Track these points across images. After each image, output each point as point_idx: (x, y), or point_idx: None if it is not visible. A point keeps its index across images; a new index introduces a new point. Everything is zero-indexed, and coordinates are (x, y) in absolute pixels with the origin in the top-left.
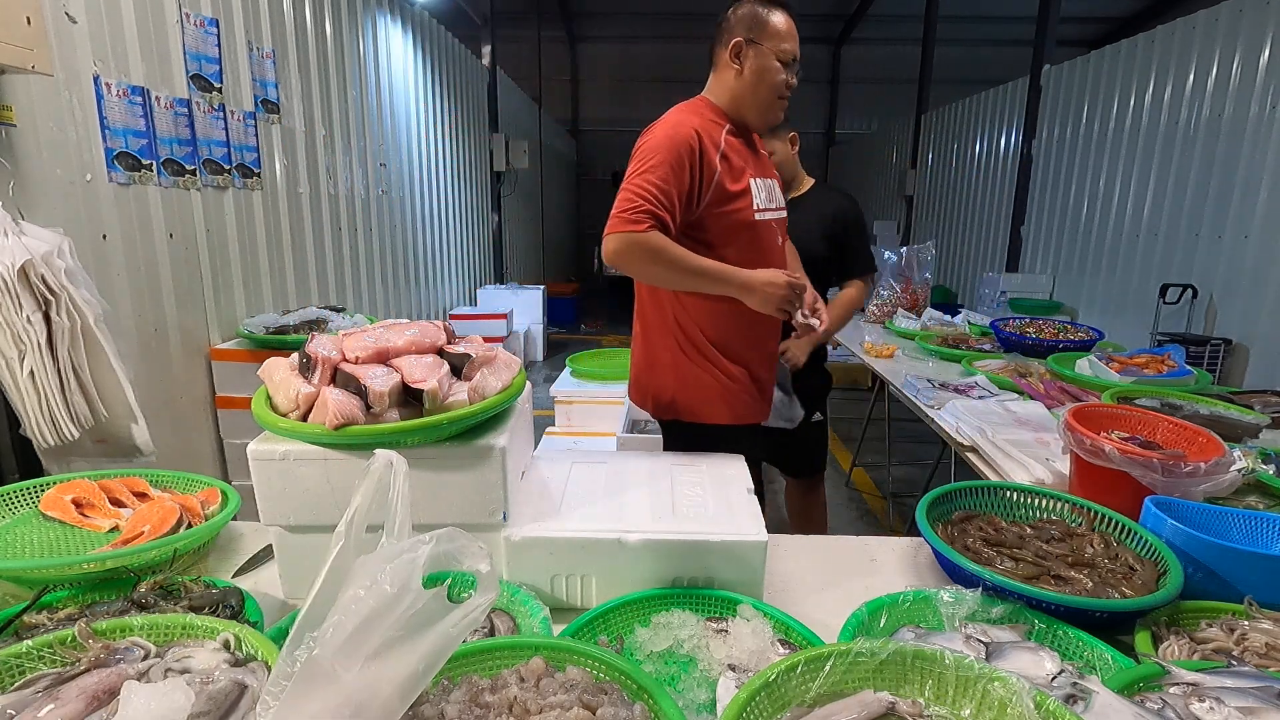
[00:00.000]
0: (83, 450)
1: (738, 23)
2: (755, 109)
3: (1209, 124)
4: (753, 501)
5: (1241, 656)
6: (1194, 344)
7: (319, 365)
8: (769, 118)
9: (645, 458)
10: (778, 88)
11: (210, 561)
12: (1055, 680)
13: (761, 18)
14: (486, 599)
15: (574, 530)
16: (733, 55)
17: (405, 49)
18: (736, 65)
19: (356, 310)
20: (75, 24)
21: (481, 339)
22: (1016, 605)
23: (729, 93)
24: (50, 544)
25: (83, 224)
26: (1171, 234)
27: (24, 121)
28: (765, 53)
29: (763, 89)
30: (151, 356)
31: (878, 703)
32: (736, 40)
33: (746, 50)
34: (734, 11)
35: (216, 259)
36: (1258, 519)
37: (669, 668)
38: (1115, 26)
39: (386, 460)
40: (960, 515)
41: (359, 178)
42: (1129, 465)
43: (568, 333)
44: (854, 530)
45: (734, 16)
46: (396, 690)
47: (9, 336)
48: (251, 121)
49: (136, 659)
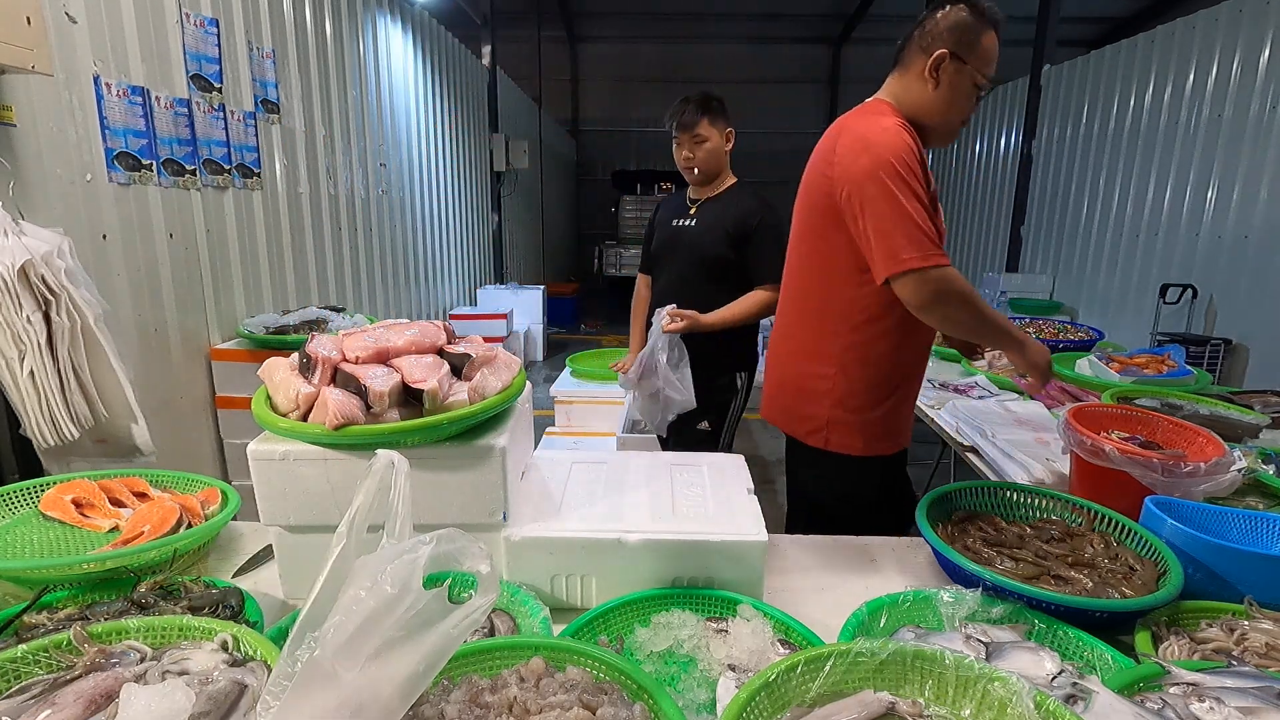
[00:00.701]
0: (83, 450)
1: (947, 31)
2: (941, 128)
3: (1209, 124)
4: (753, 501)
5: (1241, 656)
6: (1194, 344)
7: (319, 365)
8: (948, 139)
9: (645, 458)
10: (968, 112)
11: (210, 561)
12: (1055, 680)
13: (973, 34)
14: (487, 600)
15: (574, 530)
16: (932, 68)
17: (405, 49)
18: (934, 79)
19: (356, 310)
20: (75, 24)
21: (481, 339)
22: (1016, 605)
23: (916, 104)
24: (50, 544)
25: (83, 224)
26: (1171, 234)
27: (24, 121)
28: (968, 74)
29: (954, 111)
30: (151, 356)
31: (878, 703)
32: (941, 53)
33: (949, 66)
34: (943, 15)
35: (216, 259)
36: (1258, 519)
37: (669, 668)
38: (1115, 26)
39: (388, 460)
40: (960, 515)
41: (359, 178)
42: (1129, 465)
43: (568, 333)
44: None
45: (942, 22)
46: (397, 690)
47: (9, 336)
48: (251, 121)
49: (133, 662)
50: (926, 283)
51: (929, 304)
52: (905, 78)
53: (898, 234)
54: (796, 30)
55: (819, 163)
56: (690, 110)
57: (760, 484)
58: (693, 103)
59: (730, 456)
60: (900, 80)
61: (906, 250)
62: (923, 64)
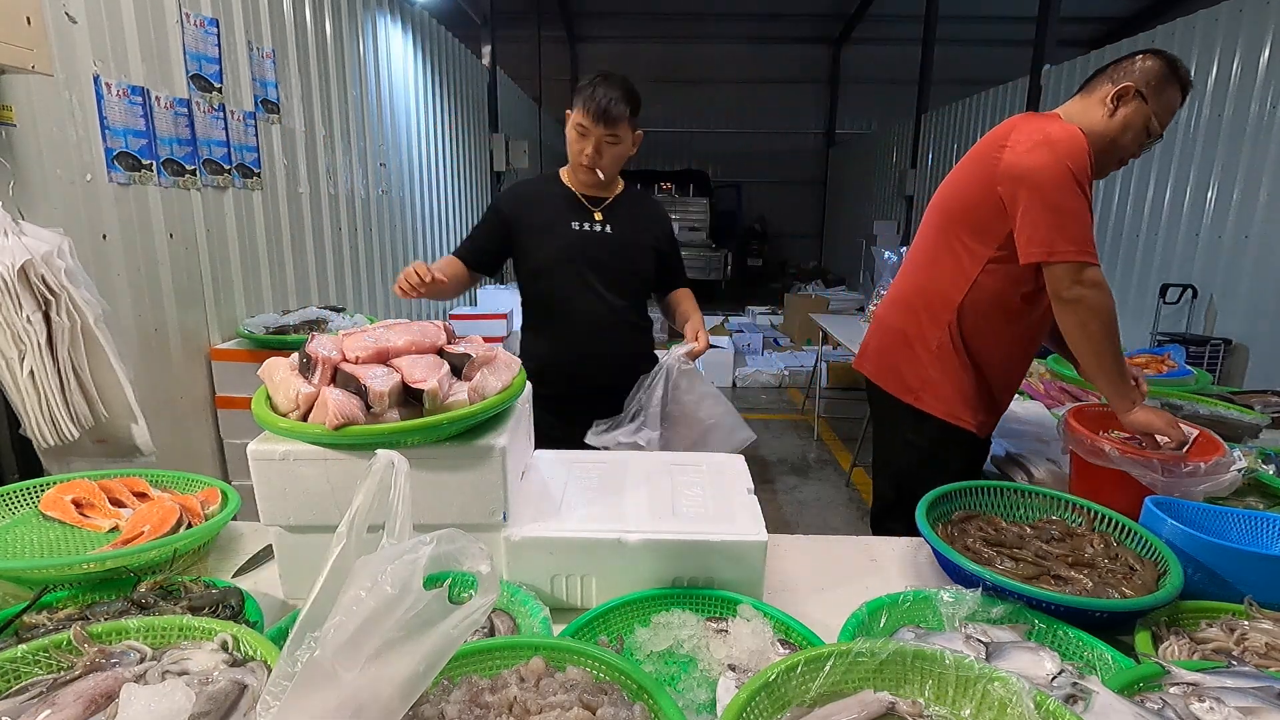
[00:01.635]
0: (83, 450)
1: (1140, 72)
2: (1104, 157)
3: (1209, 124)
4: (753, 501)
5: (1241, 656)
6: (1194, 344)
7: (319, 365)
8: (1110, 170)
9: (645, 458)
10: (1129, 149)
11: (210, 561)
12: (1055, 680)
13: (1162, 83)
14: (487, 600)
15: (574, 530)
16: (1115, 97)
17: (405, 49)
18: (1111, 107)
19: (356, 310)
20: (75, 24)
21: (481, 339)
22: (1016, 605)
23: (1089, 127)
24: (50, 544)
25: (83, 224)
26: (1171, 234)
27: (24, 121)
28: (1145, 113)
29: (1119, 144)
30: (151, 356)
31: (878, 703)
32: (1127, 86)
33: (1131, 100)
34: (1142, 59)
35: (216, 259)
36: (1258, 519)
37: (669, 668)
38: (1115, 26)
39: (388, 460)
40: (960, 515)
41: (359, 178)
42: (1129, 465)
43: None
44: (854, 530)
45: (1139, 63)
46: (397, 691)
47: (9, 336)
48: (251, 121)
49: (133, 662)
50: (1080, 277)
51: (1074, 298)
52: (1086, 101)
53: (1070, 224)
54: (796, 30)
55: (987, 148)
56: (617, 103)
57: (760, 484)
58: (620, 92)
59: (730, 456)
60: (1081, 103)
61: (1073, 242)
62: (1107, 91)
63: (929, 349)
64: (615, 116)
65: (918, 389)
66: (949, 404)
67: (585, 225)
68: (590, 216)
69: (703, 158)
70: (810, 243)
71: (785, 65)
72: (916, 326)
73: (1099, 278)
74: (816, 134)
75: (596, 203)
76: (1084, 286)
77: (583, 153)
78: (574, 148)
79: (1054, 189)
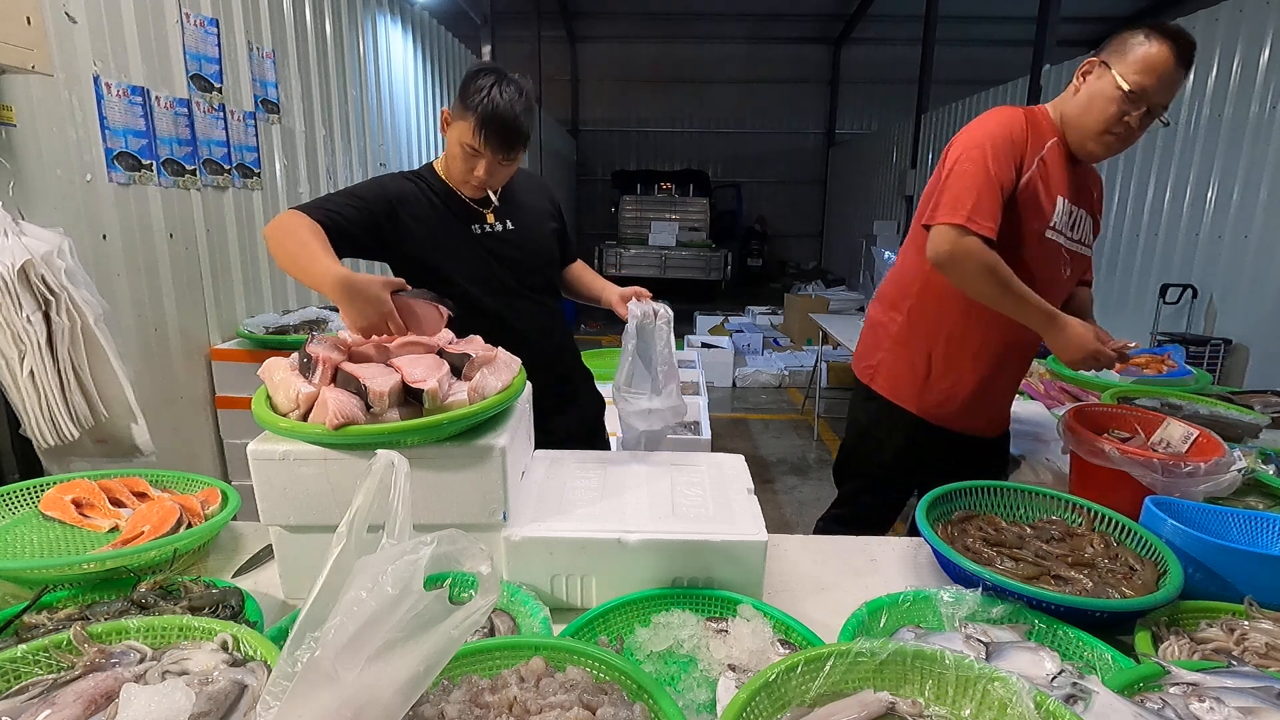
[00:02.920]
0: (83, 450)
1: (1108, 44)
2: (1078, 133)
3: (1209, 124)
4: (753, 501)
5: (1241, 656)
6: (1194, 344)
7: (319, 365)
8: (1091, 148)
9: (645, 458)
10: (1109, 120)
11: (210, 561)
12: (1055, 680)
13: (1129, 43)
14: (488, 601)
15: (574, 530)
16: (1082, 73)
17: (405, 49)
18: (1078, 84)
19: None
20: (75, 24)
21: (481, 339)
22: (1016, 605)
23: (1063, 109)
24: (50, 544)
25: (83, 224)
26: (1171, 234)
27: (24, 121)
28: (1111, 78)
29: (1089, 116)
30: (151, 356)
31: (878, 703)
32: (1090, 61)
33: (1094, 72)
34: (1119, 34)
35: (216, 259)
36: (1258, 519)
37: (669, 668)
38: (1115, 26)
39: (388, 460)
40: (960, 515)
41: (359, 178)
42: (1129, 465)
43: None
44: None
45: (1114, 39)
46: (397, 691)
47: (9, 336)
48: (251, 121)
49: (133, 662)
50: (949, 241)
51: (944, 262)
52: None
53: (957, 191)
54: (796, 30)
55: None
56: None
57: (760, 484)
58: (522, 109)
59: (730, 456)
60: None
61: (950, 206)
62: (1079, 70)
63: (889, 334)
64: (516, 145)
65: (874, 369)
66: (895, 384)
67: (482, 227)
68: (479, 218)
69: (703, 158)
70: (810, 243)
71: (785, 65)
72: (884, 314)
73: (970, 242)
74: (816, 134)
75: (484, 202)
76: (956, 248)
77: (473, 174)
78: (460, 165)
79: (956, 159)
